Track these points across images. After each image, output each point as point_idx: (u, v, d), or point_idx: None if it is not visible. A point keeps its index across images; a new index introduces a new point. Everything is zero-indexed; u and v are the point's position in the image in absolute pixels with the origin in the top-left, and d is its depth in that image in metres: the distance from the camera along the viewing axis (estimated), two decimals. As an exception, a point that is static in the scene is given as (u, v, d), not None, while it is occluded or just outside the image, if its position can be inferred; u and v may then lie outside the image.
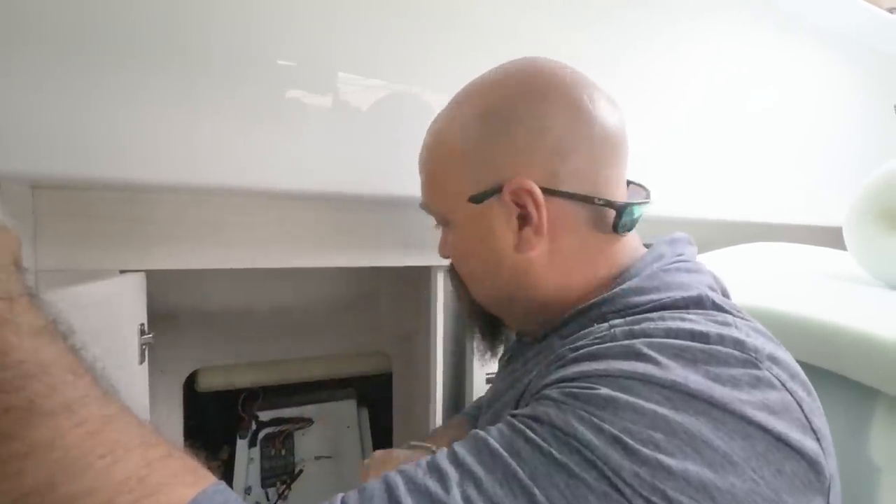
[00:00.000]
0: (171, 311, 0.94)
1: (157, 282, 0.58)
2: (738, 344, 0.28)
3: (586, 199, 0.36)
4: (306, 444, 1.15)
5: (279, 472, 1.10)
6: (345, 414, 1.21)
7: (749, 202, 0.93)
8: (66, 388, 0.23)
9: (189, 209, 0.57)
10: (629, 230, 0.38)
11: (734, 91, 0.87)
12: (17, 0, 0.40)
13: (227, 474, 1.11)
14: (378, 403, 1.24)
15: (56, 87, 0.43)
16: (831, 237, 0.71)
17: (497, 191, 0.36)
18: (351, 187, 0.59)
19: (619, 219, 0.37)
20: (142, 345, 0.52)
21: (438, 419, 0.78)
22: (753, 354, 0.28)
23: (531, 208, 0.36)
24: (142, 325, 0.52)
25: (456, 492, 0.25)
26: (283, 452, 1.13)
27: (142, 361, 0.52)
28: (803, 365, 0.42)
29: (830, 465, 0.27)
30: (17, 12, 0.40)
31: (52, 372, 0.23)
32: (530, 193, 0.35)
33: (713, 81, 0.84)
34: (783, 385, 0.27)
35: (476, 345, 0.50)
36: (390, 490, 0.26)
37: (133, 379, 0.51)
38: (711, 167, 0.87)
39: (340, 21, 0.53)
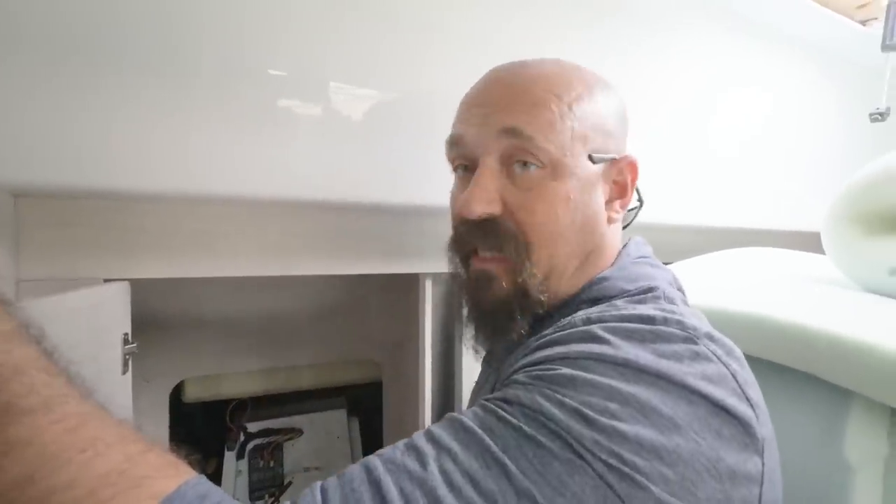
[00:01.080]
0: (158, 320, 0.93)
1: (143, 291, 0.58)
2: (679, 324, 0.32)
3: (637, 192, 0.42)
4: (296, 455, 1.13)
5: (268, 485, 1.09)
6: (335, 424, 1.20)
7: (731, 208, 0.95)
8: (43, 388, 0.23)
9: (175, 217, 0.57)
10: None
11: (716, 101, 0.89)
12: (4, 5, 0.40)
13: (214, 487, 1.09)
14: (368, 412, 1.23)
15: (40, 95, 0.43)
16: (812, 242, 0.72)
17: (613, 160, 0.40)
18: (339, 195, 0.59)
19: (636, 214, 0.43)
20: (125, 354, 0.51)
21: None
22: (692, 332, 0.31)
23: (629, 184, 0.41)
24: (125, 334, 0.52)
25: (433, 467, 0.26)
26: (272, 464, 1.11)
27: (125, 371, 0.51)
28: (781, 367, 0.43)
29: (764, 431, 0.30)
30: (4, 18, 0.40)
31: (28, 372, 0.23)
32: (633, 171, 0.41)
33: (695, 91, 0.86)
34: (719, 359, 0.30)
35: (474, 341, 0.43)
36: (369, 471, 0.27)
37: (116, 389, 0.50)
38: (693, 175, 0.89)
39: (332, 31, 0.54)
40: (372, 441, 1.20)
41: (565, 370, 0.29)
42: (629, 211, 0.45)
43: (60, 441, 0.22)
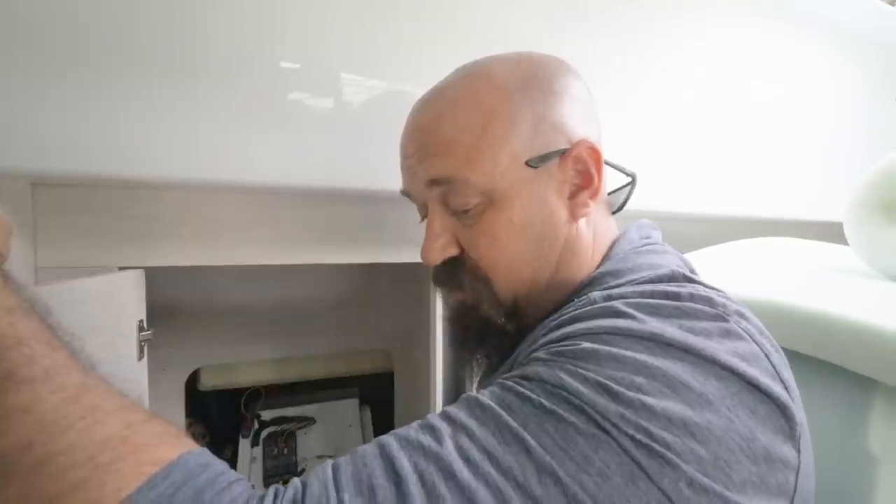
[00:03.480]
0: (174, 309, 0.95)
1: (159, 279, 0.58)
2: (707, 300, 0.30)
3: (620, 170, 0.39)
4: (308, 444, 1.15)
5: (281, 472, 1.11)
6: (347, 413, 1.21)
7: (751, 198, 0.93)
8: (44, 359, 0.23)
9: (189, 206, 0.57)
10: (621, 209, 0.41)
11: (735, 86, 0.87)
12: (23, 7, 0.41)
13: (229, 473, 1.11)
14: (380, 402, 1.24)
15: (57, 86, 0.43)
16: (834, 233, 0.70)
17: (560, 153, 0.37)
18: (351, 183, 0.59)
19: (630, 193, 0.41)
20: (141, 341, 0.52)
21: (439, 416, 0.78)
22: (722, 309, 0.29)
23: (593, 170, 0.37)
24: (141, 321, 0.53)
25: (449, 443, 0.25)
26: (286, 452, 1.13)
27: (140, 358, 0.52)
28: (802, 356, 0.42)
29: (800, 415, 0.28)
30: (18, 12, 0.41)
31: (30, 344, 0.24)
32: (594, 154, 0.37)
33: (714, 77, 0.84)
34: (751, 337, 0.29)
35: (473, 357, 0.43)
36: (382, 448, 0.26)
37: (133, 376, 0.51)
38: (713, 163, 0.87)
39: (342, 22, 0.54)
40: (384, 430, 1.19)
41: (587, 344, 0.28)
42: (618, 190, 0.43)
43: (60, 409, 0.22)
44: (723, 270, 0.58)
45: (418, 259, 0.74)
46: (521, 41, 0.41)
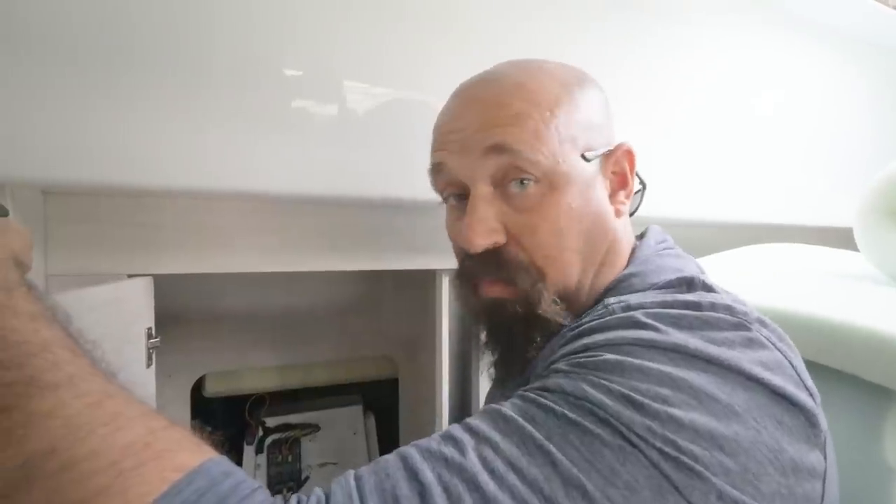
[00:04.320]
0: (180, 316, 0.95)
1: (164, 286, 0.59)
2: (728, 309, 0.30)
3: (637, 176, 0.40)
4: (313, 451, 1.14)
5: (286, 479, 1.10)
6: (351, 420, 1.20)
7: (757, 203, 0.92)
8: (67, 365, 0.23)
9: (196, 214, 0.58)
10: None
11: (741, 92, 0.87)
12: (26, 9, 0.41)
13: (234, 480, 1.10)
14: (385, 409, 1.24)
15: (66, 95, 0.43)
16: (840, 238, 0.70)
17: (607, 152, 0.38)
18: (356, 190, 0.59)
19: (641, 197, 0.42)
20: (149, 348, 0.52)
21: (445, 424, 0.78)
22: (743, 318, 0.29)
23: (629, 172, 0.39)
24: (149, 328, 0.53)
25: (472, 454, 0.25)
26: (290, 459, 1.12)
27: (149, 365, 0.52)
28: (815, 365, 0.42)
29: (823, 423, 0.28)
30: (26, 21, 0.41)
31: (53, 350, 0.24)
32: (630, 158, 0.39)
33: (719, 82, 0.84)
34: (774, 345, 0.29)
35: (494, 366, 0.41)
36: (405, 459, 0.25)
37: (141, 382, 0.51)
38: (718, 169, 0.86)
39: (346, 29, 0.54)
40: (388, 437, 1.21)
41: (610, 356, 0.27)
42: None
43: (83, 415, 0.22)
44: (729, 277, 0.58)
45: (423, 266, 0.74)
46: (526, 49, 0.41)
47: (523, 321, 0.36)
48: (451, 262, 0.46)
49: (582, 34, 0.69)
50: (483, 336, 0.40)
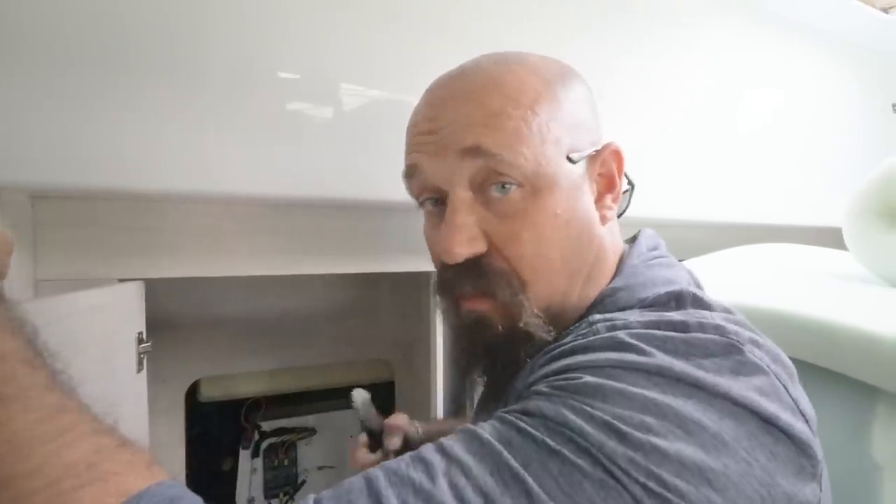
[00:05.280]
0: (174, 321, 0.95)
1: (159, 291, 0.58)
2: (719, 329, 0.28)
3: (627, 176, 0.37)
4: (309, 454, 1.14)
5: (282, 483, 1.10)
6: (347, 423, 1.20)
7: (749, 204, 0.93)
8: (21, 378, 0.23)
9: (188, 217, 0.57)
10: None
11: (733, 94, 0.88)
12: (17, 10, 0.41)
13: (229, 485, 1.10)
14: (381, 412, 1.23)
15: (56, 97, 0.43)
16: (832, 238, 0.70)
17: (592, 153, 0.35)
18: (350, 193, 0.59)
19: (629, 198, 0.39)
20: (140, 353, 0.52)
21: (440, 426, 0.78)
22: (735, 338, 0.27)
23: (616, 174, 0.36)
24: (140, 333, 0.53)
25: (442, 481, 0.23)
26: (286, 463, 1.12)
27: (140, 370, 0.52)
28: (804, 364, 0.42)
29: (819, 453, 0.26)
30: (18, 21, 0.41)
31: (10, 362, 0.23)
32: (618, 158, 0.36)
33: (712, 84, 0.85)
34: (768, 367, 0.27)
35: (466, 371, 0.38)
36: (370, 483, 0.24)
37: (131, 388, 0.51)
38: (711, 170, 0.87)
39: (340, 32, 0.54)
40: (385, 440, 1.21)
41: (590, 378, 0.26)
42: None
43: (30, 430, 0.21)
44: (721, 277, 0.58)
45: (418, 268, 0.74)
46: (521, 49, 0.41)
47: (505, 340, 0.34)
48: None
49: (576, 35, 0.69)
50: (463, 362, 0.37)
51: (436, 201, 0.36)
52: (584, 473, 0.23)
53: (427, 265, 0.73)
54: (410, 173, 0.36)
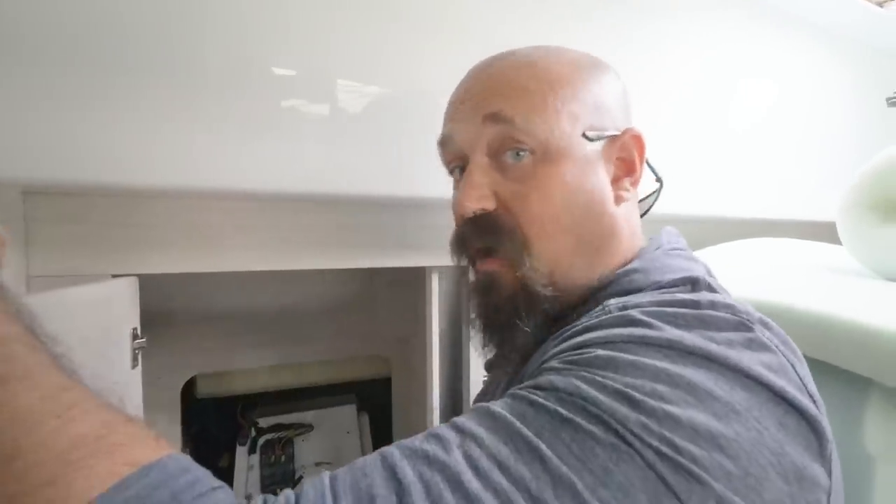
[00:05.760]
0: (171, 317, 0.94)
1: (154, 287, 0.58)
2: (729, 308, 0.28)
3: (652, 169, 0.39)
4: (306, 451, 1.14)
5: (279, 479, 1.10)
6: (345, 419, 1.20)
7: (741, 198, 0.93)
8: (24, 358, 0.23)
9: (182, 213, 0.57)
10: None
11: (727, 88, 0.88)
12: (14, 8, 0.40)
13: (226, 482, 1.10)
14: (378, 408, 1.24)
15: (49, 93, 0.43)
16: (827, 232, 0.71)
17: (612, 136, 0.37)
18: (345, 189, 0.59)
19: (657, 196, 0.42)
20: (134, 349, 0.52)
21: (436, 423, 0.78)
22: (745, 317, 0.28)
23: (637, 159, 0.38)
24: (134, 329, 0.52)
25: (457, 452, 0.24)
26: (283, 459, 1.12)
27: (134, 366, 0.52)
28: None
29: (828, 432, 0.26)
30: (14, 20, 0.41)
31: (9, 345, 0.23)
32: (639, 144, 0.38)
33: (707, 79, 0.85)
34: (777, 348, 0.27)
35: (482, 343, 0.40)
36: (384, 458, 0.24)
37: (126, 383, 0.51)
38: (707, 165, 0.87)
39: (336, 28, 0.54)
40: (382, 436, 1.21)
41: (602, 352, 0.26)
42: (648, 196, 0.44)
43: (35, 406, 0.21)
44: (716, 271, 0.58)
45: (415, 264, 0.74)
46: (515, 45, 0.41)
47: (510, 297, 0.35)
48: (441, 260, 0.46)
49: (570, 30, 0.69)
50: (473, 314, 0.39)
51: (462, 169, 0.39)
52: (596, 439, 0.23)
53: (423, 260, 0.74)
54: (444, 141, 0.40)
